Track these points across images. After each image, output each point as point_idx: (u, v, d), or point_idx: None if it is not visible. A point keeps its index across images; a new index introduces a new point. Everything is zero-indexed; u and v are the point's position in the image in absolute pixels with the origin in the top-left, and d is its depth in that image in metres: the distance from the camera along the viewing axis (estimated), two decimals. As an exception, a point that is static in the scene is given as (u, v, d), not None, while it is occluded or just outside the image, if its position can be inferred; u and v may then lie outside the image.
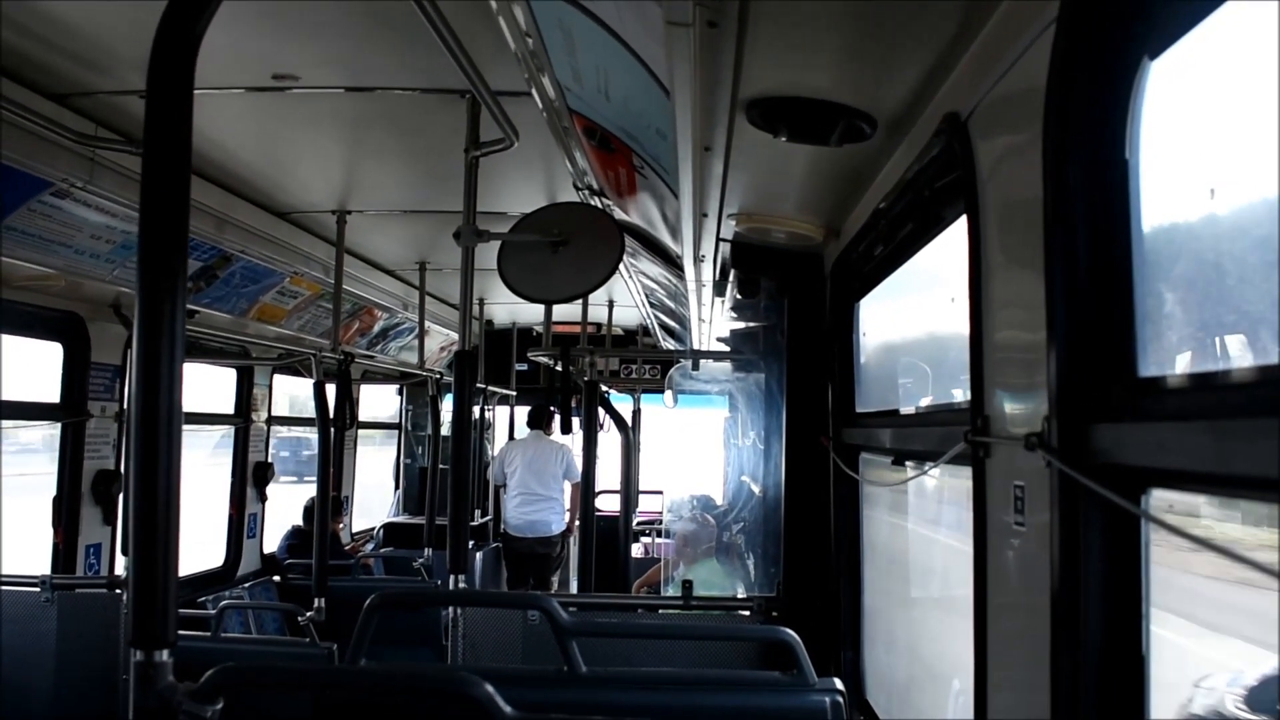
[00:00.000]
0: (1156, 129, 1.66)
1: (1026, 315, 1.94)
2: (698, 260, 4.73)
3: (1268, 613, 1.34)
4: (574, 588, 10.17)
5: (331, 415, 6.98)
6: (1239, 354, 1.47)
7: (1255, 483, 1.29)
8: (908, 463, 3.49)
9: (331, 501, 7.28)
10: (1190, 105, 1.64)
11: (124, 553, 5.35)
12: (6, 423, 5.97)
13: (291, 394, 9.79)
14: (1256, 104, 1.37)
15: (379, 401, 12.27)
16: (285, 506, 9.07)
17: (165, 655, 1.83)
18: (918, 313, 3.78)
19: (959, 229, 2.44)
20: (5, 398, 5.61)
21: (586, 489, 6.70)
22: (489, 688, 1.97)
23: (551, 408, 10.95)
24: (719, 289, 5.43)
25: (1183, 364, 1.62)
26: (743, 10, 2.15)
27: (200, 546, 8.04)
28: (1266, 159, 1.33)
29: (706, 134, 2.92)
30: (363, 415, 10.72)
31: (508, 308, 11.01)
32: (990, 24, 2.12)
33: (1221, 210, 1.50)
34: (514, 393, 12.48)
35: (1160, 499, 1.62)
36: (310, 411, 7.51)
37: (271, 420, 8.52)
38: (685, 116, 2.65)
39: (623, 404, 10.50)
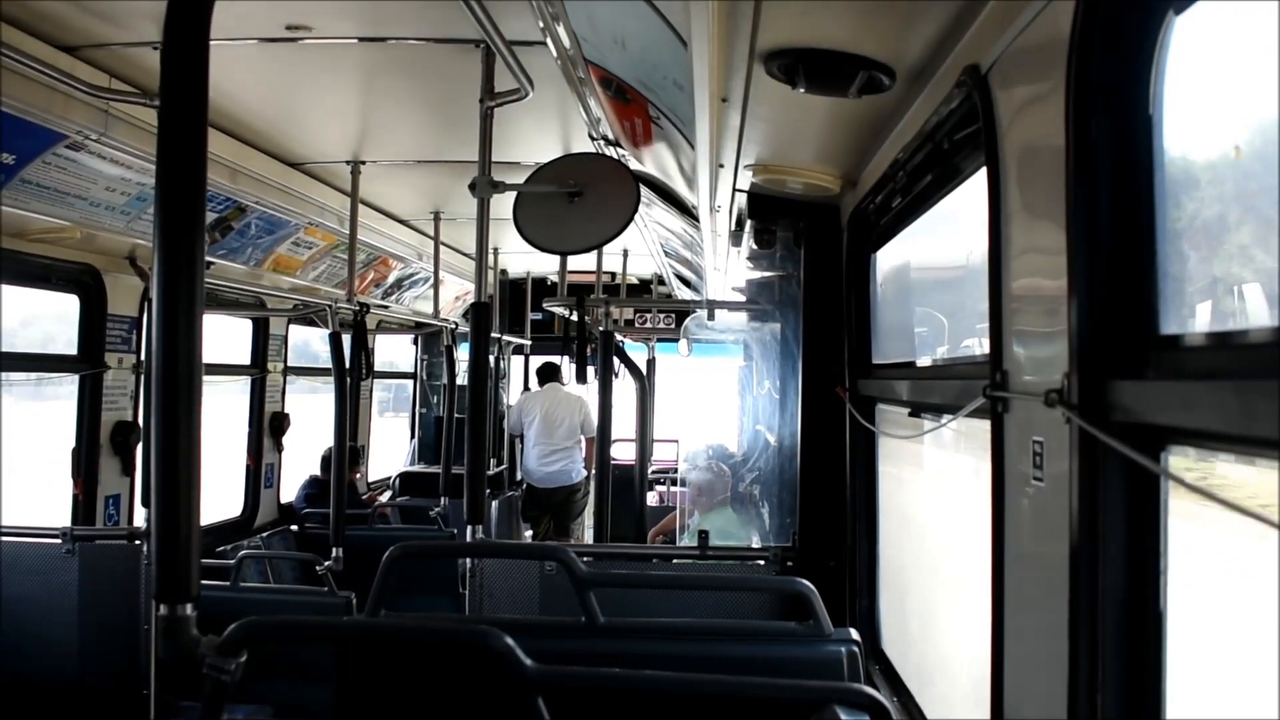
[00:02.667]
0: (1181, 84, 1.64)
1: (1046, 270, 1.93)
2: (714, 211, 4.71)
3: None
4: (589, 537, 10.23)
5: (348, 365, 7.00)
6: (1262, 313, 1.46)
7: (1278, 444, 1.29)
8: (925, 415, 3.49)
9: (349, 451, 7.32)
10: (1215, 61, 1.62)
11: (144, 504, 5.39)
12: (27, 375, 6.01)
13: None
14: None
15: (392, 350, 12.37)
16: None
17: (189, 609, 1.85)
18: (935, 264, 3.76)
19: (978, 181, 2.42)
20: (23, 349, 5.65)
21: (602, 439, 6.72)
22: (510, 640, 1.99)
23: (561, 359, 11.01)
24: (735, 239, 5.41)
25: (1205, 322, 1.61)
26: (761, -39, 2.13)
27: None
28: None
29: (724, 85, 2.89)
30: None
31: (523, 257, 11.01)
32: (1012, -25, 2.09)
33: (1247, 168, 1.49)
34: (529, 342, 12.49)
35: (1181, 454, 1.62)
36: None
37: (288, 371, 8.55)
38: (703, 68, 2.63)
39: (638, 353, 10.50)
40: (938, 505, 3.81)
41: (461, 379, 9.73)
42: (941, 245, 3.55)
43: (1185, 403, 1.49)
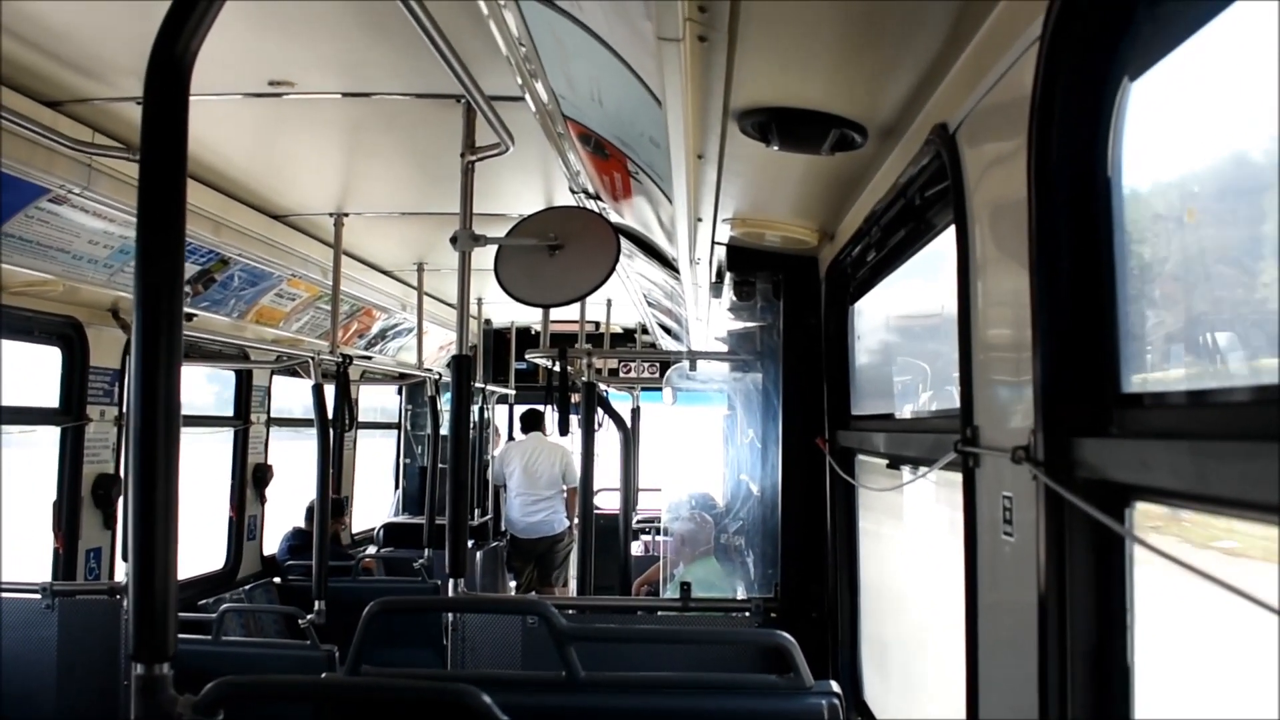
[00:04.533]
0: (1139, 148, 1.68)
1: (1013, 326, 1.96)
2: (693, 263, 4.75)
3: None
4: (573, 588, 10.20)
5: (331, 417, 7.00)
6: (1218, 371, 1.49)
7: (1236, 503, 1.31)
8: (903, 467, 3.51)
9: (332, 503, 7.31)
10: (1170, 125, 1.65)
11: (124, 558, 5.37)
12: (6, 427, 5.99)
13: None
14: (1233, 125, 1.39)
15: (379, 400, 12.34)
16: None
17: (165, 668, 1.84)
18: (913, 315, 3.80)
19: (950, 236, 2.46)
20: (5, 403, 5.63)
21: (585, 489, 6.71)
22: (487, 698, 1.99)
23: (545, 408, 11.01)
24: (715, 290, 5.45)
25: (1164, 381, 1.64)
26: (733, 25, 2.16)
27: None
28: (1243, 178, 1.34)
29: (699, 143, 2.93)
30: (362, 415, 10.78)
31: (507, 307, 11.02)
32: (977, 38, 2.14)
33: (1201, 229, 1.52)
34: (513, 392, 12.50)
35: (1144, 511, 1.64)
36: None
37: (271, 422, 8.54)
38: (678, 126, 2.67)
39: (622, 402, 10.53)
40: (918, 555, 3.82)
41: (445, 429, 9.72)
42: (919, 297, 3.58)
43: (1146, 461, 1.51)
